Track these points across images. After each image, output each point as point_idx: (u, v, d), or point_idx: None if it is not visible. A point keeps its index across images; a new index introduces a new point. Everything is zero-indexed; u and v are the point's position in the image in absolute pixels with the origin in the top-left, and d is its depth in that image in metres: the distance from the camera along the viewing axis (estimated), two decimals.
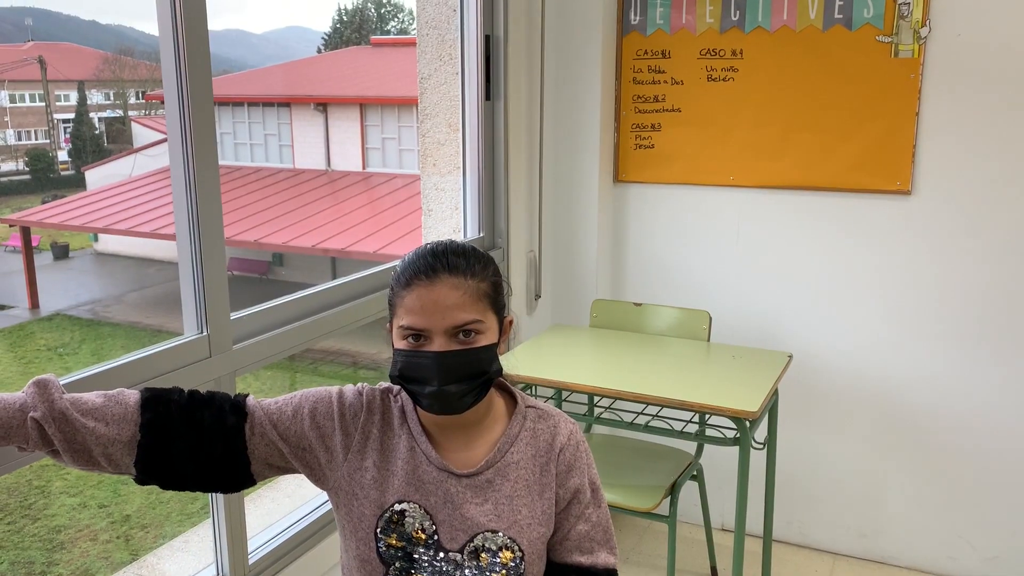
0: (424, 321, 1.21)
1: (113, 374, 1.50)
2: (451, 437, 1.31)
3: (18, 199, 22.92)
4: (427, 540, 1.26)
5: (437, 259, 1.24)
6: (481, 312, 1.24)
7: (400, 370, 1.24)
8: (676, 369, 2.42)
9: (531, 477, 1.29)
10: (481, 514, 1.26)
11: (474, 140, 2.67)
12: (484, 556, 1.25)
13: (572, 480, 1.31)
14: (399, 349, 1.25)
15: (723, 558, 2.93)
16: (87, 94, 27.19)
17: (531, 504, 1.28)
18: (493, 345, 1.27)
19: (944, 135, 2.61)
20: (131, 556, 6.66)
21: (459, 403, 1.23)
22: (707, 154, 2.89)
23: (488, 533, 1.25)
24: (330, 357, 11.74)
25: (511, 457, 1.30)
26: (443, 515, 1.27)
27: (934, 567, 2.86)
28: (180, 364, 1.62)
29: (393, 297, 1.27)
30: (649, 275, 3.08)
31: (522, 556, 1.25)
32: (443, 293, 1.21)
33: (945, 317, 2.71)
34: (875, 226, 2.74)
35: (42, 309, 14.76)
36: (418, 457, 1.29)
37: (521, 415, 1.33)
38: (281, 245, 12.70)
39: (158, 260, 16.96)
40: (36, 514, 7.49)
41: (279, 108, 15.82)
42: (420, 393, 1.23)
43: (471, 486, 1.28)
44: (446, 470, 1.28)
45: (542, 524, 1.28)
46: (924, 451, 2.82)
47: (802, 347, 2.87)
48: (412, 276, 1.24)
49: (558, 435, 1.32)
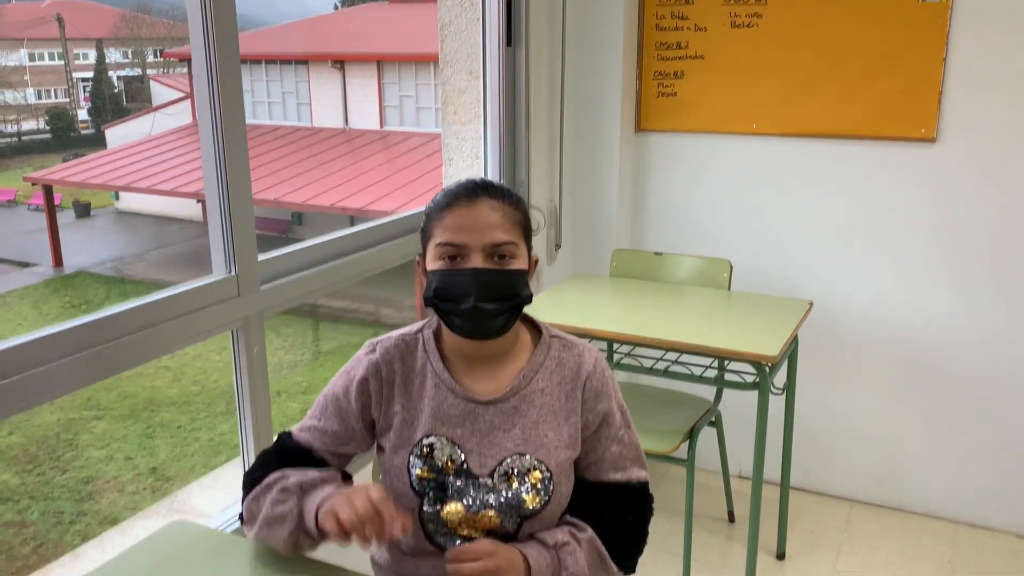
0: (463, 237, 1.25)
1: (148, 309, 1.54)
2: (477, 368, 1.34)
3: (39, 158, 23.08)
4: (457, 469, 1.30)
5: (477, 186, 1.29)
6: (516, 237, 1.28)
7: (435, 289, 1.27)
8: (696, 316, 2.43)
9: (557, 403, 1.32)
10: (508, 439, 1.30)
11: (495, 88, 2.66)
12: (514, 478, 1.29)
13: (601, 405, 1.34)
14: (434, 270, 1.28)
15: (740, 504, 2.97)
16: (105, 52, 27.17)
17: (557, 428, 1.31)
18: (525, 271, 1.30)
19: (971, 82, 2.57)
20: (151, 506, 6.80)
21: (492, 323, 1.26)
22: (730, 102, 2.87)
23: (516, 456, 1.29)
24: (350, 314, 11.82)
25: (536, 384, 1.33)
26: (471, 444, 1.30)
27: (952, 514, 2.89)
28: (209, 303, 1.66)
29: (429, 222, 1.30)
30: (670, 224, 3.08)
31: (550, 476, 1.29)
32: (483, 212, 1.25)
33: (966, 266, 2.70)
34: (898, 174, 2.72)
35: (66, 267, 14.94)
36: (443, 392, 1.32)
37: (546, 345, 1.36)
38: (300, 204, 12.75)
39: (179, 218, 17.08)
40: (64, 466, 7.66)
41: (296, 66, 15.76)
42: (454, 311, 1.26)
43: (498, 413, 1.31)
44: (472, 400, 1.31)
45: (568, 447, 1.32)
46: (943, 399, 2.83)
47: (823, 296, 2.87)
48: (453, 198, 1.28)
49: (583, 363, 1.35)
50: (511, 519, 1.29)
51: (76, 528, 6.70)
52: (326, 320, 11.76)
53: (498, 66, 2.63)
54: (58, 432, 8.27)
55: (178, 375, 9.47)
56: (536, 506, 1.29)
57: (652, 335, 2.22)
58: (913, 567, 2.66)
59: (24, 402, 1.35)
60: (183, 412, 8.70)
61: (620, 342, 2.32)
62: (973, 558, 2.70)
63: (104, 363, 1.47)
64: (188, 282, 1.64)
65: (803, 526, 2.88)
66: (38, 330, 1.39)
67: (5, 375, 1.32)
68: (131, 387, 9.13)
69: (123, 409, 8.75)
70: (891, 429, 2.92)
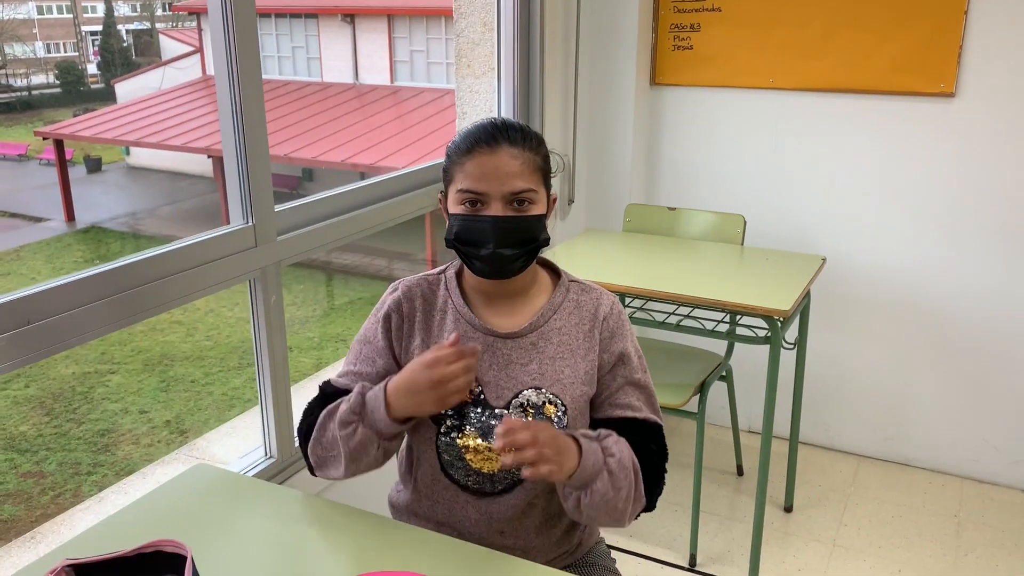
0: (484, 186, 1.27)
1: (167, 258, 1.56)
2: (497, 305, 1.37)
3: (50, 112, 23.01)
4: (475, 399, 1.33)
5: (498, 130, 1.30)
6: (536, 183, 1.30)
7: (456, 233, 1.30)
8: (709, 271, 2.44)
9: (574, 342, 1.35)
10: (525, 373, 1.33)
11: (509, 41, 2.64)
12: (529, 410, 1.32)
13: (616, 345, 1.37)
14: (455, 213, 1.30)
15: (749, 458, 3.00)
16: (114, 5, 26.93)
17: (574, 365, 1.34)
18: (543, 215, 1.32)
19: (991, 37, 2.54)
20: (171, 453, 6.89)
21: (511, 266, 1.29)
22: (746, 55, 2.84)
23: (532, 390, 1.32)
24: (361, 269, 11.86)
25: (554, 323, 1.36)
26: (489, 376, 1.33)
27: (958, 470, 2.92)
28: (227, 252, 1.67)
29: (450, 165, 1.32)
30: (684, 180, 3.07)
31: (565, 410, 1.32)
32: (503, 161, 1.27)
33: (981, 223, 2.69)
34: (916, 130, 2.70)
35: (78, 222, 15.00)
36: (462, 326, 1.36)
37: (564, 287, 1.39)
38: (311, 160, 12.72)
39: (189, 174, 17.08)
40: (81, 418, 7.77)
41: (306, 19, 15.61)
42: (475, 255, 1.29)
43: (516, 347, 1.34)
44: (491, 333, 1.34)
45: (584, 384, 1.34)
46: (952, 357, 2.84)
47: (836, 252, 2.87)
48: (474, 144, 1.29)
49: (601, 305, 1.38)
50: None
51: (93, 479, 6.82)
52: (338, 275, 11.80)
53: (513, 17, 2.61)
54: (73, 385, 8.38)
55: (191, 330, 9.55)
56: None
57: (665, 289, 2.23)
58: (919, 521, 2.69)
59: (50, 346, 1.37)
60: (196, 366, 8.79)
61: (633, 296, 2.34)
62: (979, 513, 2.73)
63: (126, 310, 1.49)
64: (207, 232, 1.66)
65: (811, 480, 2.91)
66: (66, 276, 1.41)
67: (32, 320, 1.34)
68: (145, 342, 9.21)
69: (137, 363, 8.85)
70: (900, 385, 2.93)
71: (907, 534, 2.63)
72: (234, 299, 9.88)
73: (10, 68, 27.00)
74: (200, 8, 17.42)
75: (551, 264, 1.43)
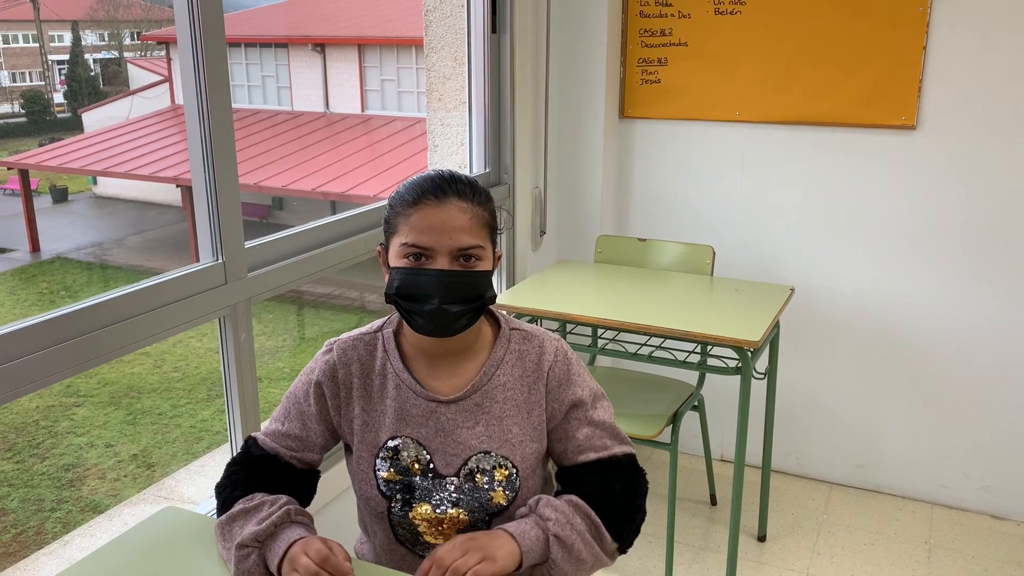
0: (431, 240, 1.23)
1: (135, 298, 1.54)
2: (438, 365, 1.33)
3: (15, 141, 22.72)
4: (423, 470, 1.29)
5: (446, 182, 1.26)
6: (483, 239, 1.26)
7: (398, 287, 1.25)
8: (680, 302, 2.46)
9: (519, 397, 1.31)
10: (472, 437, 1.29)
11: (480, 74, 2.67)
12: (479, 477, 1.28)
13: (567, 394, 1.32)
14: (398, 267, 1.26)
15: (722, 487, 3.01)
16: (81, 35, 26.76)
17: (521, 422, 1.31)
18: (489, 272, 1.29)
19: (951, 70, 2.60)
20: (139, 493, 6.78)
21: (455, 324, 1.24)
22: (713, 89, 2.89)
23: (481, 455, 1.29)
24: (332, 300, 11.79)
25: (498, 380, 1.31)
26: (436, 443, 1.30)
27: (928, 496, 2.95)
28: (197, 290, 1.66)
29: (393, 216, 1.28)
30: (654, 211, 3.10)
31: (516, 472, 1.29)
32: (451, 214, 1.23)
33: (945, 252, 2.74)
34: (879, 161, 2.76)
35: (43, 252, 14.76)
36: (404, 393, 1.31)
37: (505, 338, 1.34)
38: (281, 188, 12.66)
39: (157, 203, 16.91)
40: (44, 453, 7.60)
41: (276, 49, 15.61)
42: (417, 311, 1.24)
43: (460, 411, 1.30)
44: (434, 399, 1.30)
45: (534, 440, 1.31)
46: (921, 384, 2.87)
47: (804, 281, 2.91)
48: (420, 195, 1.25)
49: (544, 354, 1.33)
50: (480, 517, 1.29)
51: (57, 515, 6.66)
52: (309, 306, 11.72)
53: (483, 53, 2.63)
54: (37, 419, 8.21)
55: (159, 361, 9.41)
56: (504, 503, 1.29)
57: (636, 321, 2.24)
58: (891, 548, 2.71)
59: (8, 392, 1.34)
60: (164, 399, 8.65)
61: (604, 327, 2.34)
62: (949, 539, 2.76)
63: (92, 351, 1.47)
64: (175, 270, 1.64)
65: (784, 508, 2.92)
66: (24, 319, 1.38)
67: None
68: (111, 374, 9.06)
69: (103, 396, 8.69)
70: (870, 413, 2.96)
71: (879, 562, 2.64)
72: (202, 330, 9.76)
73: None
74: (169, 38, 17.38)
75: (492, 312, 1.38)
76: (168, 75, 17.22)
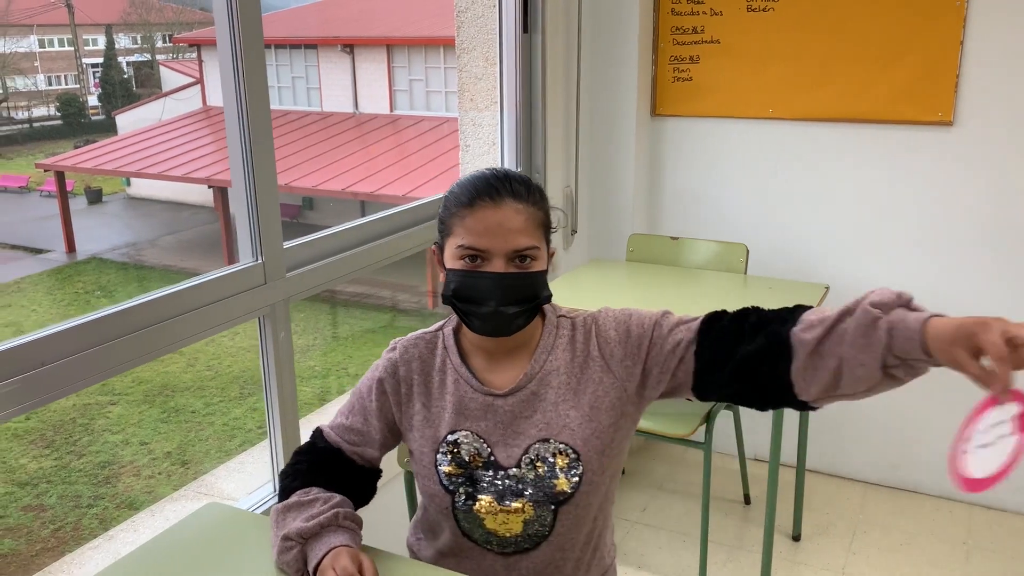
0: (487, 243, 1.23)
1: (177, 298, 1.57)
2: (494, 359, 1.34)
3: (51, 144, 23.13)
4: (484, 462, 1.31)
5: (501, 183, 1.26)
6: (538, 239, 1.27)
7: (455, 290, 1.26)
8: (713, 300, 2.45)
9: (572, 381, 1.32)
10: (531, 425, 1.30)
11: (512, 74, 2.68)
12: (540, 465, 1.29)
13: (624, 338, 1.30)
14: (455, 269, 1.27)
15: (756, 487, 3.00)
16: (115, 38, 27.17)
17: (578, 405, 1.31)
18: (545, 272, 1.29)
19: (988, 65, 2.57)
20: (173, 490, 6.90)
21: (511, 324, 1.26)
22: (746, 87, 2.88)
23: (540, 443, 1.29)
24: (365, 299, 11.87)
25: (550, 365, 1.32)
26: (496, 436, 1.31)
27: (965, 496, 2.91)
28: (237, 290, 1.69)
29: (448, 217, 1.28)
30: (686, 209, 3.09)
31: (577, 456, 1.29)
32: (507, 216, 1.23)
33: (981, 250, 2.70)
34: (915, 158, 2.73)
35: (78, 253, 15.03)
36: (462, 388, 1.33)
37: (552, 325, 1.35)
38: (311, 189, 12.78)
39: (190, 204, 17.14)
40: (81, 450, 7.74)
41: (306, 50, 15.76)
42: (474, 313, 1.26)
43: (516, 402, 1.31)
44: (491, 393, 1.31)
45: (592, 419, 1.30)
46: (957, 382, 2.83)
47: (839, 280, 2.88)
48: (475, 196, 1.25)
49: (588, 329, 1.34)
50: (545, 506, 1.30)
51: (94, 512, 6.78)
52: (341, 306, 11.81)
53: (515, 52, 2.64)
54: (74, 417, 8.36)
55: (192, 360, 9.54)
56: (568, 489, 1.29)
57: None
58: (928, 548, 2.68)
59: (55, 391, 1.37)
60: (197, 397, 8.77)
61: None
62: (988, 540, 2.72)
63: (137, 350, 1.50)
64: (215, 270, 1.67)
65: (818, 508, 2.90)
66: (70, 320, 1.41)
67: (36, 365, 1.34)
68: (146, 372, 9.20)
69: (138, 394, 8.83)
70: (906, 411, 2.93)
71: (916, 562, 2.62)
72: (235, 329, 9.85)
73: (12, 101, 27.19)
74: (201, 40, 17.59)
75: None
76: (200, 77, 17.44)
